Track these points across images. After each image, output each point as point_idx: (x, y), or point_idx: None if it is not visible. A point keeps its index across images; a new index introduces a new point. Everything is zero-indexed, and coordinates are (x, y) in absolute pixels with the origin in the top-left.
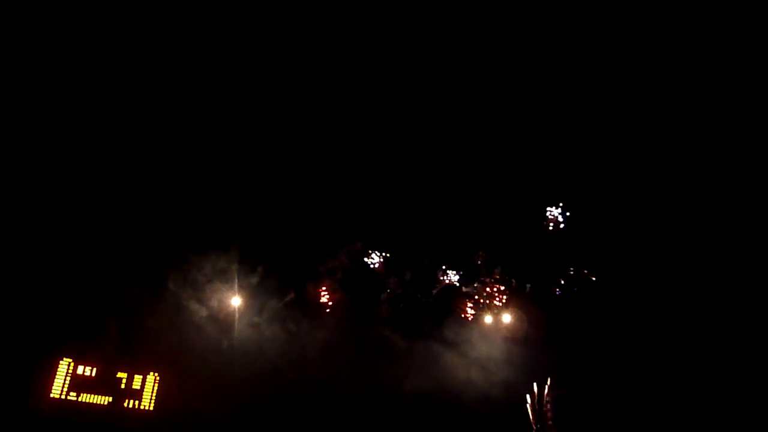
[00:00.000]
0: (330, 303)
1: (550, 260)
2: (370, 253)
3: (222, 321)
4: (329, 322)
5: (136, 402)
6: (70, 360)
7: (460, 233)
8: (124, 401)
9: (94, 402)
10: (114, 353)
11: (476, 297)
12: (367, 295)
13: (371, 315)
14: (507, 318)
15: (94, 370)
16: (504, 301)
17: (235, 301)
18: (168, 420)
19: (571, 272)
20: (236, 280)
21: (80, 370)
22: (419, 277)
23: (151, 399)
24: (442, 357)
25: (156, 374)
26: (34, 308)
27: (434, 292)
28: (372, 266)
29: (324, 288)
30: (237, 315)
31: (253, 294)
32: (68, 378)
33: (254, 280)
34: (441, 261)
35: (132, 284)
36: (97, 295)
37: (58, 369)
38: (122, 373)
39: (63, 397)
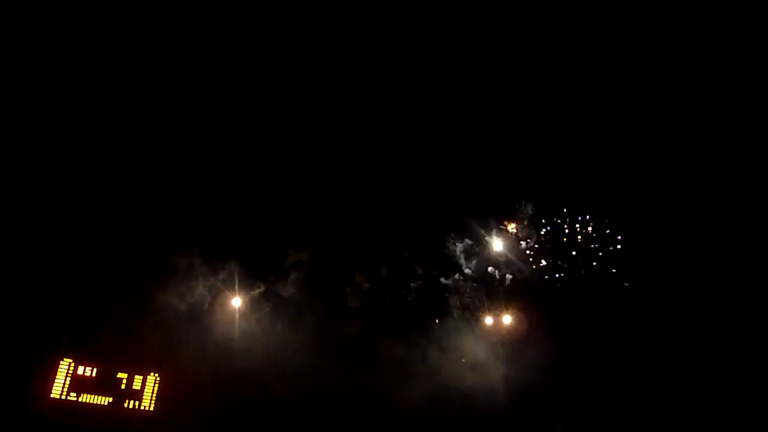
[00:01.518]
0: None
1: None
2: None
3: (222, 321)
4: (331, 321)
5: (137, 402)
6: (71, 360)
7: (433, 224)
8: (125, 402)
9: (95, 402)
10: (114, 353)
11: (456, 290)
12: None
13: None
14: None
15: (95, 370)
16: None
17: (236, 302)
18: (168, 421)
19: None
20: (237, 281)
21: (81, 370)
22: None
23: (151, 400)
24: (426, 354)
25: (156, 375)
26: (34, 308)
27: (413, 285)
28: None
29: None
30: (237, 315)
31: (253, 294)
32: (68, 378)
33: (255, 280)
34: (417, 253)
35: (132, 284)
36: (98, 295)
37: (59, 369)
38: (122, 374)
39: (63, 397)
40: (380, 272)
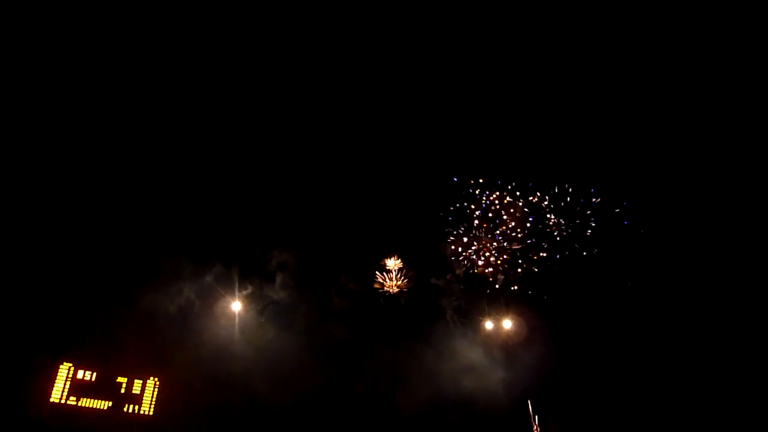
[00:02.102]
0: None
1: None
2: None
3: (222, 327)
4: (332, 324)
5: (136, 407)
6: (71, 364)
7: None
8: (124, 406)
9: (94, 407)
10: (114, 358)
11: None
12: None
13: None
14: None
15: (94, 374)
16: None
17: (235, 307)
18: (167, 425)
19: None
20: (236, 286)
21: (80, 374)
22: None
23: (150, 404)
24: (419, 357)
25: (156, 379)
26: (34, 312)
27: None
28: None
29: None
30: (237, 320)
31: (252, 300)
32: (68, 382)
33: (254, 286)
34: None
35: (132, 290)
36: (98, 301)
37: (58, 373)
38: (122, 378)
39: (63, 401)
40: (371, 275)
